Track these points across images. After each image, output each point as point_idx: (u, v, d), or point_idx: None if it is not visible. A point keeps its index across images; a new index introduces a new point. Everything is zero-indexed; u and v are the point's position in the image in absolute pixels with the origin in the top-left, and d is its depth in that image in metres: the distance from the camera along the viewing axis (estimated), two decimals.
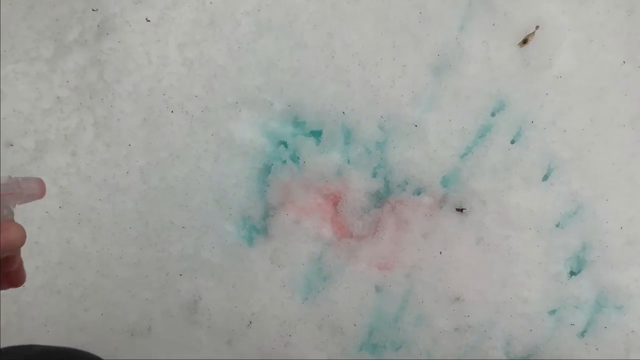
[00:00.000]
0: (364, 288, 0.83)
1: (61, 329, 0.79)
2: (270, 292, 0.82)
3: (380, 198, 0.87)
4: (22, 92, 0.85)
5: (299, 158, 0.87)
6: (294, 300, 0.82)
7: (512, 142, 0.86)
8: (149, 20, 0.86)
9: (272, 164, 0.86)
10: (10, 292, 0.61)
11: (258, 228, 0.85)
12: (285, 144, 0.87)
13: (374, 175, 0.87)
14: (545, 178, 0.86)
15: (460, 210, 0.85)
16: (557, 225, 0.85)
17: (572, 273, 0.85)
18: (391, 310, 0.83)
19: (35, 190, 0.46)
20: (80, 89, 0.85)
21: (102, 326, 0.79)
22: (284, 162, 0.87)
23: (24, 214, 0.83)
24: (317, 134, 0.88)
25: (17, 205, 0.44)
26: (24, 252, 0.43)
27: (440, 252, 0.84)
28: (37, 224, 0.85)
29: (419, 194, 0.86)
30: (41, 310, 0.79)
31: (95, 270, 0.81)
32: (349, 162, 0.87)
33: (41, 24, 0.88)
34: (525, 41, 0.85)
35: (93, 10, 0.87)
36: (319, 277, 0.84)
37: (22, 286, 0.46)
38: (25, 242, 0.41)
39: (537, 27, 0.84)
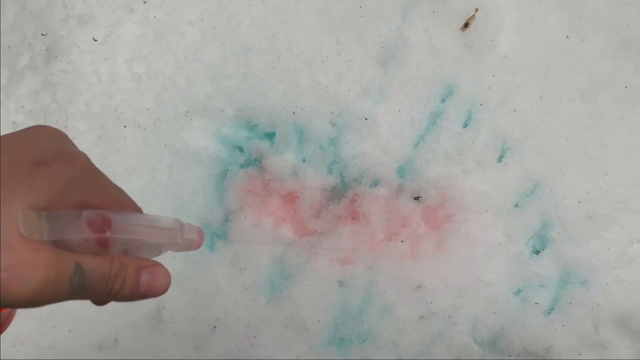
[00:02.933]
0: (327, 284, 0.83)
1: (30, 347, 0.80)
2: (233, 296, 0.83)
3: (337, 193, 0.87)
4: None
5: (254, 161, 0.88)
6: (257, 302, 0.83)
7: (464, 126, 0.86)
8: (96, 40, 0.88)
9: (228, 169, 0.87)
10: None
11: (218, 233, 0.86)
12: (239, 148, 0.88)
13: (330, 171, 0.87)
14: (499, 159, 0.86)
15: (417, 198, 0.85)
16: (516, 206, 0.85)
17: (536, 252, 0.85)
18: (355, 303, 0.83)
19: (193, 244, 0.40)
20: (34, 112, 0.87)
21: (70, 342, 0.81)
22: (240, 166, 0.88)
23: None
24: (270, 136, 0.88)
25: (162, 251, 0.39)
26: None
27: (401, 242, 0.84)
28: None
29: (375, 186, 0.86)
30: (10, 331, 0.80)
31: None
32: (304, 160, 0.87)
33: None
34: (466, 25, 0.85)
35: (42, 34, 0.89)
36: (282, 277, 0.84)
37: None
38: None
39: (476, 10, 0.84)
